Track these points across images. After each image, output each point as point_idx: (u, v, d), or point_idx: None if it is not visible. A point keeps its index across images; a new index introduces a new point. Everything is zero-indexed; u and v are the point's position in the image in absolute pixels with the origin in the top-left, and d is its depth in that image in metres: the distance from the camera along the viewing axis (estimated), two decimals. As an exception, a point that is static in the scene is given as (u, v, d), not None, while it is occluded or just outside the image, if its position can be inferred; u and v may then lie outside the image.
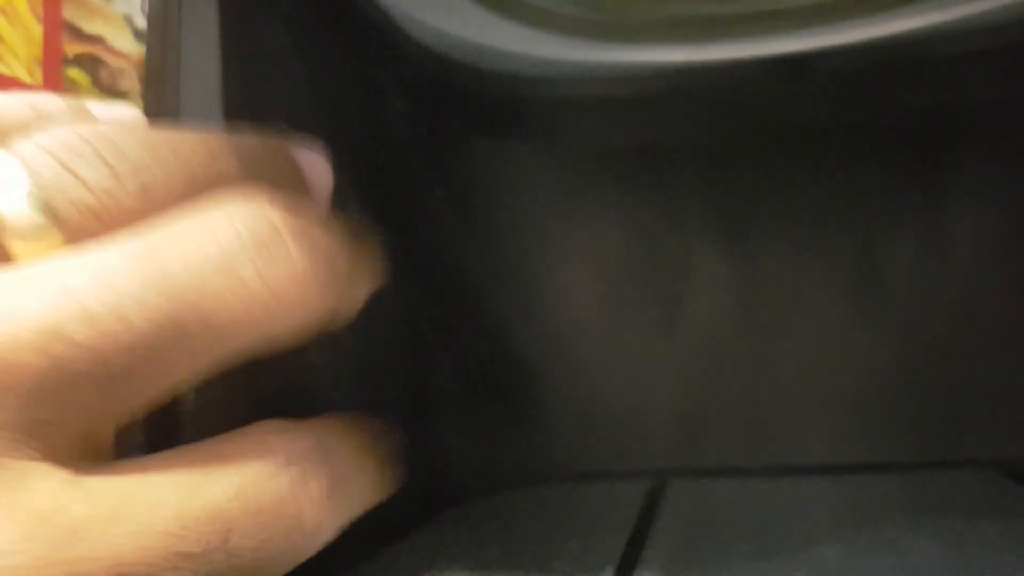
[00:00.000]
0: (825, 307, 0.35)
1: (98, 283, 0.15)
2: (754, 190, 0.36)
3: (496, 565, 0.23)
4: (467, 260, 0.35)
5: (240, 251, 0.16)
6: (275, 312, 0.16)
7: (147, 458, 0.16)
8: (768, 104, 0.35)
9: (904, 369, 0.34)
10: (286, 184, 0.19)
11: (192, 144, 0.17)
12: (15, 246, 0.15)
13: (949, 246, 0.34)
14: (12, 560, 0.13)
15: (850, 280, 0.35)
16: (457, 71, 0.32)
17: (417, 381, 0.32)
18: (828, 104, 0.35)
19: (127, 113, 0.22)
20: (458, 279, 0.35)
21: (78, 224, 0.16)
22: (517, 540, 0.26)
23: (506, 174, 0.36)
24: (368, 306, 0.30)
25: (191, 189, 0.17)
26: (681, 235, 0.37)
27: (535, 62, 0.31)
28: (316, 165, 0.21)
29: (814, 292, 0.35)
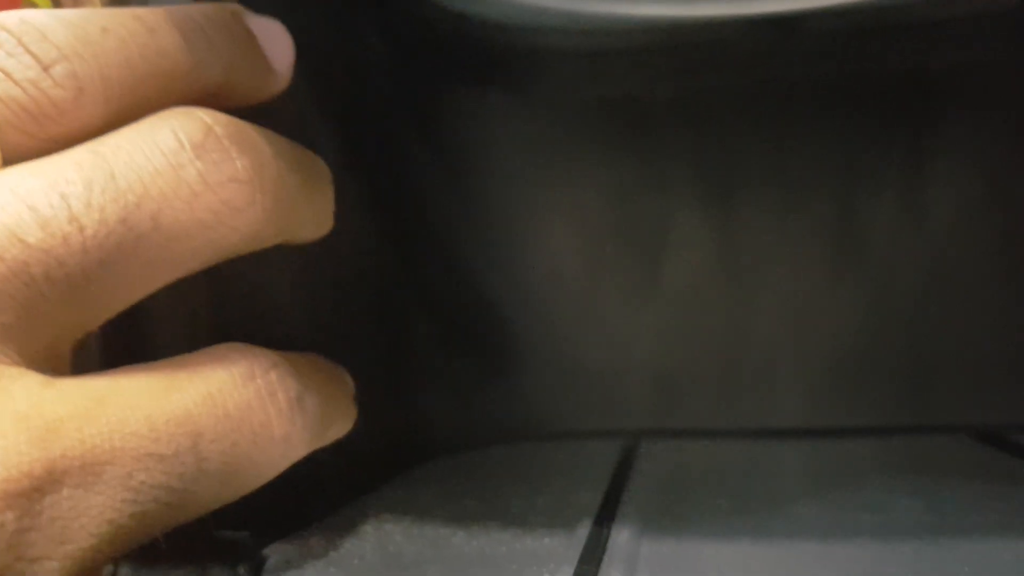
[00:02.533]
0: (804, 269, 0.35)
1: (46, 186, 0.15)
2: (736, 149, 0.36)
3: (471, 518, 0.22)
4: (445, 211, 0.35)
5: (181, 153, 0.16)
6: (222, 215, 0.16)
7: (115, 369, 0.16)
8: (753, 63, 0.34)
9: (880, 333, 0.34)
10: (239, 56, 0.18)
11: (126, 21, 0.16)
12: None
13: (928, 210, 0.34)
14: None
15: (829, 242, 0.35)
16: (439, 15, 0.31)
17: (392, 333, 0.32)
18: (813, 64, 0.35)
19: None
20: (435, 229, 0.34)
21: (9, 121, 0.15)
22: (492, 494, 0.26)
23: (488, 125, 0.35)
24: (341, 253, 0.29)
25: (128, 73, 0.16)
26: (662, 192, 0.36)
27: (520, 9, 0.31)
28: (274, 35, 0.20)
29: (794, 253, 0.35)
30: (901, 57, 0.34)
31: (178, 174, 0.16)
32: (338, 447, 0.22)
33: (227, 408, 0.16)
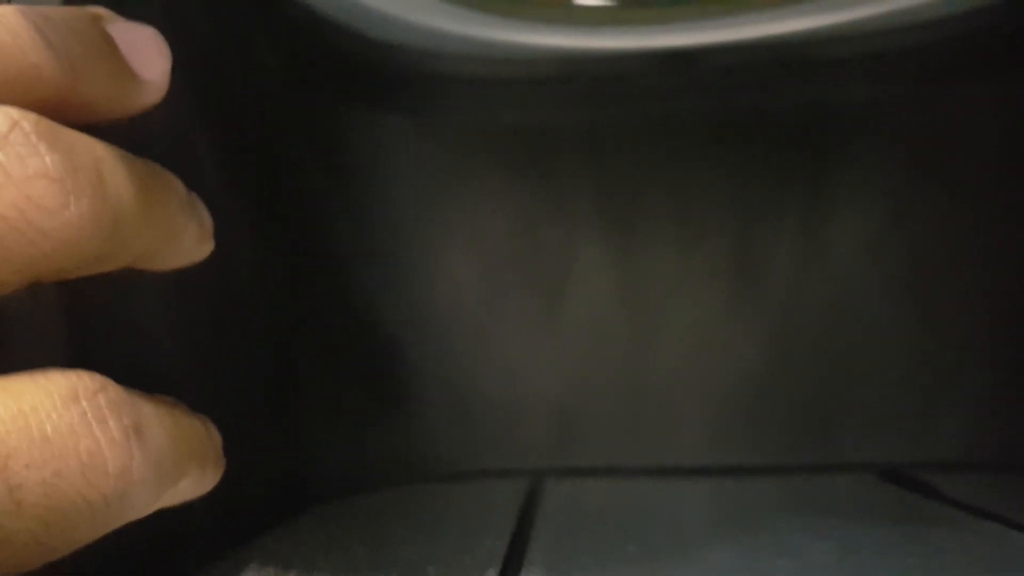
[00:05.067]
0: (704, 304, 0.35)
1: None
2: (638, 182, 0.35)
3: (361, 569, 0.20)
4: (338, 237, 0.33)
5: None
6: (29, 214, 0.14)
7: None
8: (655, 95, 0.34)
9: (780, 369, 0.34)
10: (91, 63, 0.16)
11: None
12: None
13: (828, 245, 0.34)
14: None
15: (729, 276, 0.35)
16: (335, 34, 0.29)
17: (278, 367, 0.29)
18: (713, 98, 0.35)
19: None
20: (327, 256, 0.32)
21: None
22: (386, 541, 0.23)
23: (386, 149, 0.33)
24: (223, 280, 0.27)
25: None
26: (564, 224, 0.35)
27: (419, 33, 0.29)
28: (144, 42, 0.18)
29: (694, 288, 0.35)
30: (801, 93, 0.34)
31: None
32: (211, 493, 0.20)
33: (44, 431, 0.14)
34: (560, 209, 0.35)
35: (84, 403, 0.15)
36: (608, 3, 0.31)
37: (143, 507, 0.16)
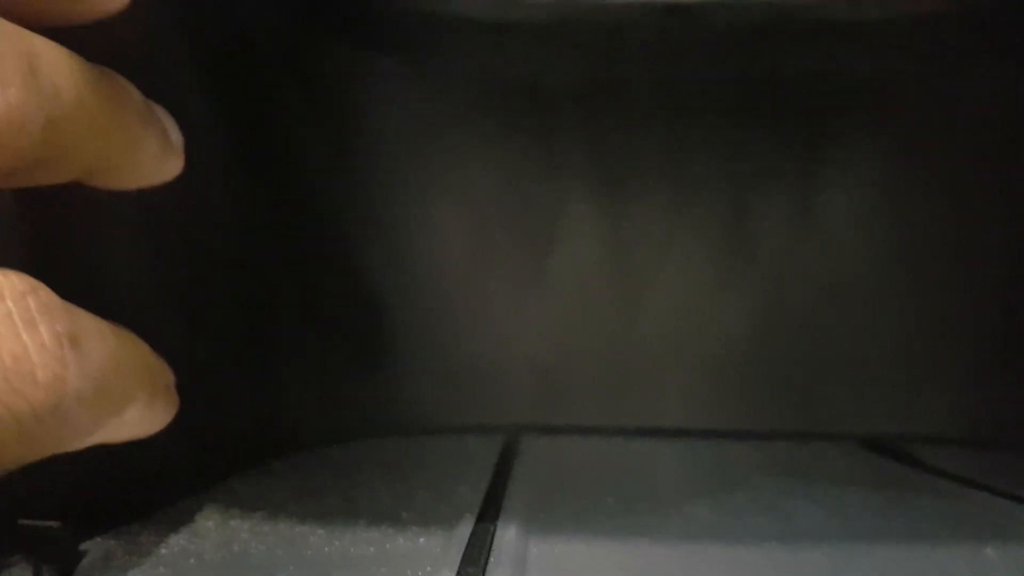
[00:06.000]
0: (694, 268, 0.34)
1: None
2: (633, 141, 0.34)
3: (332, 515, 0.20)
4: (324, 180, 0.32)
5: None
6: None
7: None
8: (654, 52, 0.33)
9: (768, 336, 0.34)
10: None
11: None
12: None
13: (821, 217, 0.34)
14: None
15: (721, 242, 0.34)
16: None
17: (255, 310, 0.29)
18: (715, 59, 0.34)
19: None
20: (312, 201, 0.31)
21: None
22: (359, 491, 0.23)
23: (376, 92, 0.32)
24: (199, 212, 0.26)
25: None
26: (555, 180, 0.34)
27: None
28: None
29: (684, 251, 0.34)
30: (804, 61, 0.33)
31: None
32: (182, 432, 0.19)
33: None
34: (551, 165, 0.34)
35: (10, 303, 0.13)
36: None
37: (83, 429, 0.15)
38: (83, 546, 0.16)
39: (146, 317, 0.20)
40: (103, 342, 0.15)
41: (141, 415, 0.17)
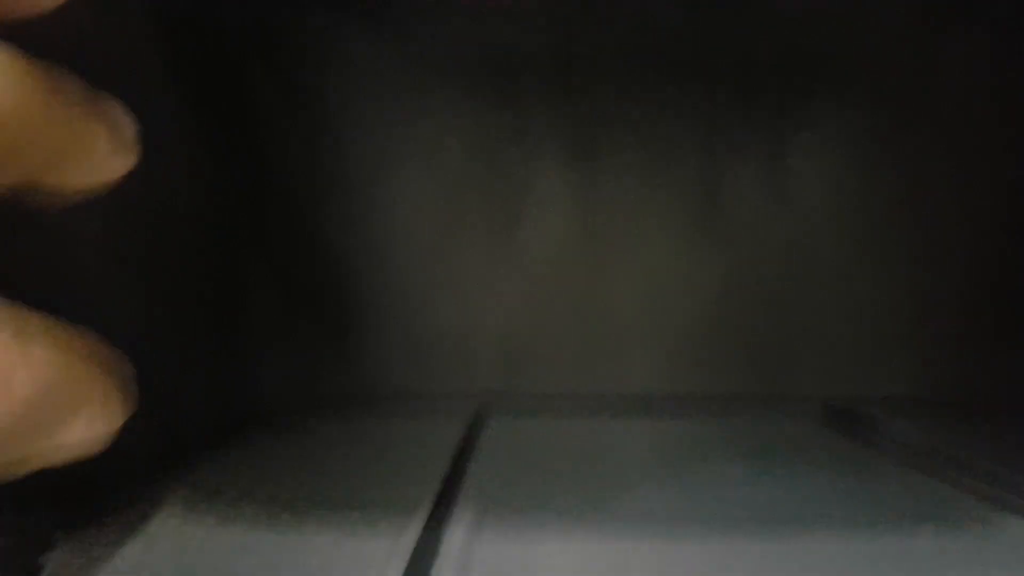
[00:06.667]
0: (663, 238, 0.34)
1: None
2: (604, 111, 0.34)
3: (286, 517, 0.20)
4: (292, 150, 0.31)
5: None
6: None
7: None
8: (626, 23, 0.33)
9: (735, 306, 0.34)
10: None
11: None
12: None
13: (790, 187, 0.34)
14: None
15: (691, 211, 0.34)
16: None
17: (225, 284, 0.29)
18: (687, 32, 0.33)
19: None
20: (281, 170, 0.31)
21: None
22: (319, 483, 0.23)
23: (344, 64, 0.32)
24: (161, 191, 0.25)
25: None
26: (525, 150, 0.34)
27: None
28: None
29: (654, 221, 0.34)
30: (773, 37, 0.33)
31: None
32: (147, 411, 0.19)
33: None
34: (523, 135, 0.34)
35: None
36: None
37: (24, 434, 0.14)
38: (40, 559, 0.17)
39: (108, 294, 0.20)
40: (53, 344, 0.15)
41: (89, 423, 0.17)
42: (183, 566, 0.17)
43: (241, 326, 0.30)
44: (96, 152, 0.17)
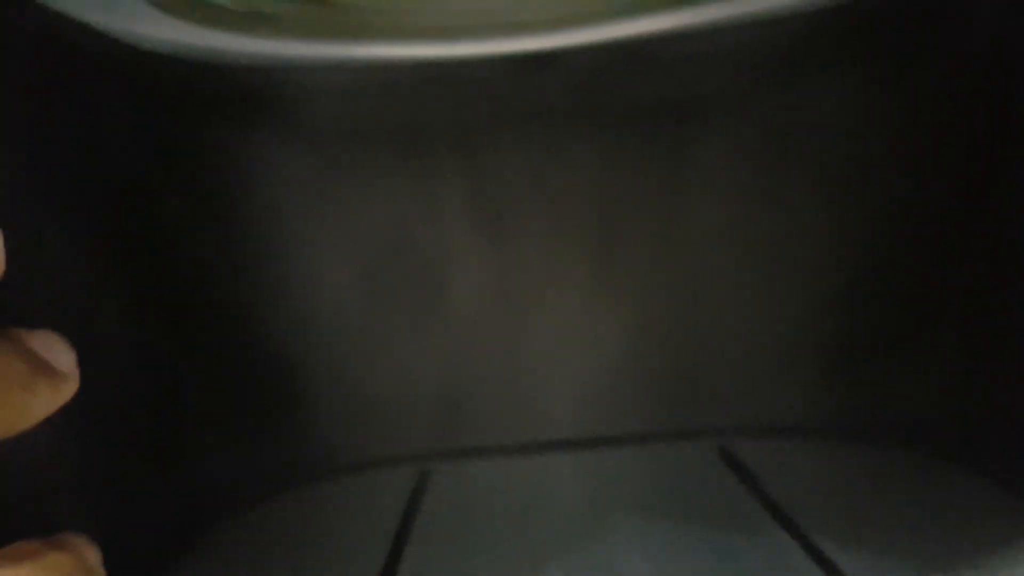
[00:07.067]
0: (570, 293, 0.37)
1: None
2: (508, 177, 0.37)
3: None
4: (213, 258, 0.33)
5: None
6: None
7: None
8: (518, 95, 0.35)
9: (637, 350, 0.37)
10: None
11: None
12: None
13: (681, 234, 0.37)
14: None
15: (592, 266, 0.37)
16: (178, 69, 0.29)
17: (163, 401, 0.31)
18: (574, 95, 0.36)
19: None
20: (205, 279, 0.33)
21: None
22: (277, 553, 0.25)
23: (252, 164, 0.34)
24: (87, 330, 0.27)
25: None
26: (439, 222, 0.37)
27: (271, 55, 0.30)
28: None
29: (560, 278, 0.37)
30: (656, 88, 0.35)
31: None
32: (112, 533, 0.21)
33: None
34: (435, 208, 0.36)
35: None
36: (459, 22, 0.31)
37: None
38: None
39: (53, 446, 0.22)
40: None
41: None
42: None
43: (181, 433, 0.32)
44: (40, 402, 0.18)
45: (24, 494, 0.20)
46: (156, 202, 0.32)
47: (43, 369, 0.18)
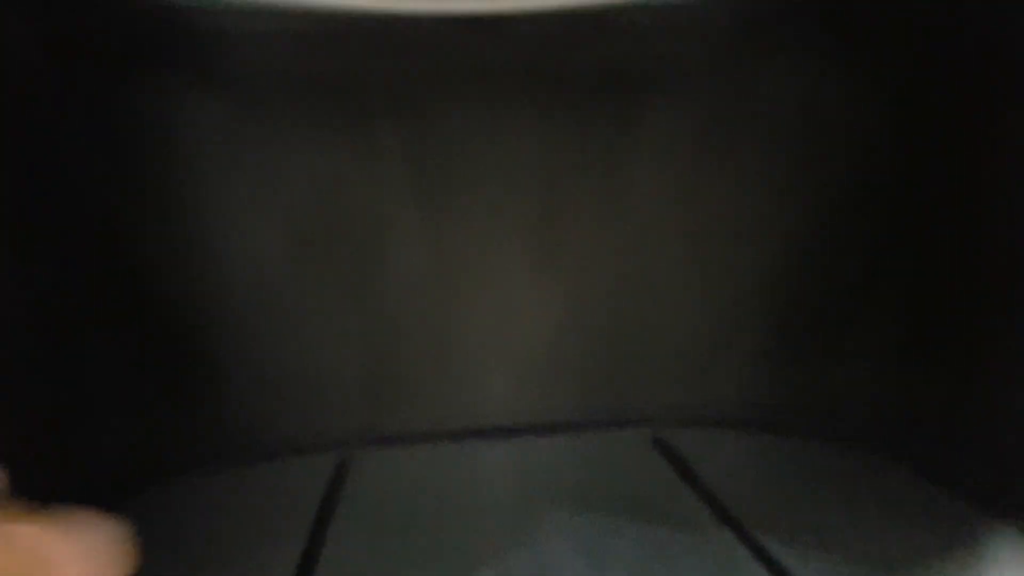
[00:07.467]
0: (508, 269, 0.35)
1: None
2: (449, 143, 0.35)
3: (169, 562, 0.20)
4: (119, 212, 0.30)
5: None
6: None
7: None
8: (463, 56, 0.34)
9: (573, 332, 0.36)
10: None
11: None
12: None
13: (622, 210, 0.36)
14: None
15: (533, 240, 0.36)
16: (94, 10, 0.27)
17: (69, 373, 0.28)
18: (521, 61, 0.35)
19: None
20: (108, 234, 0.30)
21: None
22: (184, 536, 0.23)
23: (175, 114, 0.31)
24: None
25: None
26: (375, 186, 0.35)
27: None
28: None
29: (499, 252, 0.35)
30: (601, 60, 0.35)
31: None
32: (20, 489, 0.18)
33: None
34: (370, 171, 0.34)
35: None
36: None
37: None
38: None
39: None
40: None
41: None
42: None
43: (88, 408, 0.29)
44: None
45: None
46: (58, 146, 0.29)
47: None
